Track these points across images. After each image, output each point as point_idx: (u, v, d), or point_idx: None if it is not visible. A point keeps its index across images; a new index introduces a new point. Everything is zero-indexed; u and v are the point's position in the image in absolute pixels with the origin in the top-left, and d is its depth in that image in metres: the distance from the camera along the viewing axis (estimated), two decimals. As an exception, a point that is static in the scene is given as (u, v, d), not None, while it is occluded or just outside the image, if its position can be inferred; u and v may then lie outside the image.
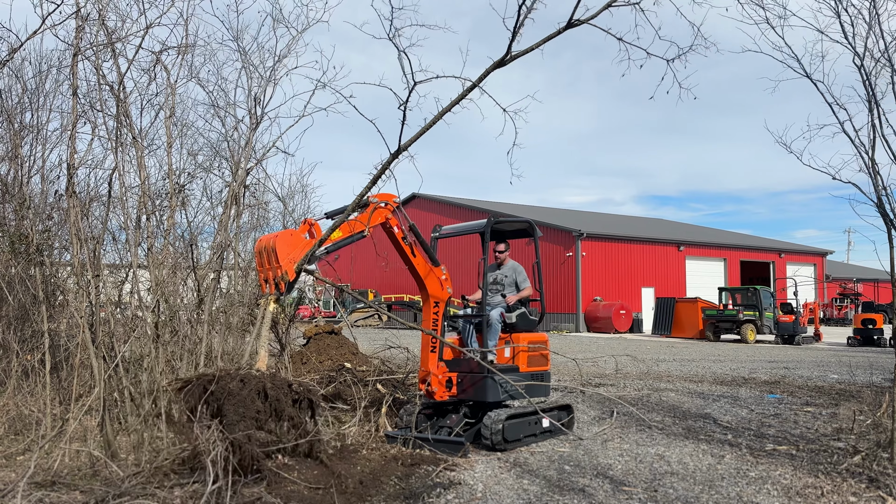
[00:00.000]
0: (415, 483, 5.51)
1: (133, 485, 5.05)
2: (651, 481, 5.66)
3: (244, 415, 5.14)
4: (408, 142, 5.54)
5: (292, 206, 12.20)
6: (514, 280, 7.64)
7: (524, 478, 5.75)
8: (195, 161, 9.02)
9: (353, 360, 10.32)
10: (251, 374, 5.34)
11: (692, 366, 15.34)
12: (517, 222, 7.67)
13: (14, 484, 4.71)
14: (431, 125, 5.51)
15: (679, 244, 36.96)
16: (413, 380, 9.52)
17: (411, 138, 5.55)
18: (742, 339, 25.18)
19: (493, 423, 6.54)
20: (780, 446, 6.93)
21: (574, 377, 12.72)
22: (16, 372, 7.55)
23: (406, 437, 6.54)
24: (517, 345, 7.22)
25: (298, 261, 5.66)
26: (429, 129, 5.54)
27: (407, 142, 5.53)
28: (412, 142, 5.56)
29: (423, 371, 6.93)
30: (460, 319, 7.47)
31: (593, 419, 8.39)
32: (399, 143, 5.49)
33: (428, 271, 6.83)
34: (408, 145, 5.55)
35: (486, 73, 5.39)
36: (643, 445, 7.00)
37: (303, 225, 5.86)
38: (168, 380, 6.62)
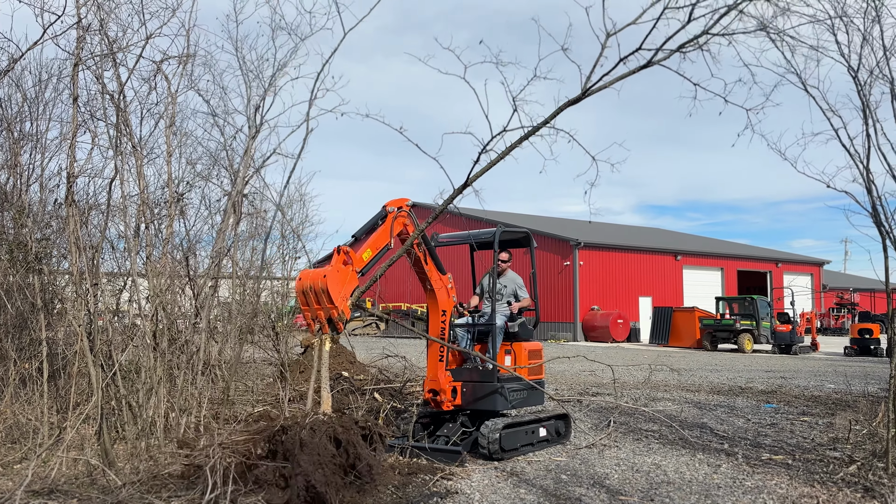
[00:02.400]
0: (412, 492, 5.52)
1: (130, 494, 5.05)
2: (647, 491, 5.67)
3: (320, 462, 5.04)
4: (475, 176, 5.61)
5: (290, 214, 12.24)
6: (513, 290, 7.68)
7: (521, 487, 5.76)
8: (194, 170, 9.06)
9: (351, 369, 10.33)
10: (319, 419, 5.28)
11: (689, 375, 15.36)
12: (517, 232, 7.71)
13: (12, 492, 4.71)
14: (498, 161, 5.57)
15: (676, 254, 37.03)
16: (410, 389, 9.54)
17: (478, 173, 5.62)
18: (739, 348, 25.21)
19: (491, 432, 6.55)
20: (777, 456, 6.95)
21: (573, 386, 12.73)
22: (13, 380, 7.55)
23: (403, 446, 6.55)
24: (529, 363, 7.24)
25: (350, 297, 5.70)
26: (496, 165, 5.60)
27: (474, 176, 5.61)
28: (478, 176, 5.63)
29: (431, 380, 6.94)
30: (458, 328, 7.50)
31: (590, 428, 8.40)
32: (468, 177, 5.58)
33: (438, 279, 6.87)
34: (474, 180, 5.62)
35: (559, 111, 5.40)
36: (640, 455, 7.02)
37: (339, 255, 5.78)
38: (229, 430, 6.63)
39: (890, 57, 6.50)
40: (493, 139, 5.49)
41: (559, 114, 5.42)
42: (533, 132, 5.45)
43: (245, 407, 8.60)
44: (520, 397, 7.02)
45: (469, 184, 5.70)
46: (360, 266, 5.95)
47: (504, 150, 5.55)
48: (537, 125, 5.43)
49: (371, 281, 6.11)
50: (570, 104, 5.40)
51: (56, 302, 8.02)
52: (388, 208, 6.51)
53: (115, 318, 7.48)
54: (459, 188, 5.73)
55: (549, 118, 5.43)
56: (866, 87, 6.59)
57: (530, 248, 7.75)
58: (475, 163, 5.62)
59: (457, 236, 7.81)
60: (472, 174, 5.66)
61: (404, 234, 6.60)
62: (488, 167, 5.64)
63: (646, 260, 35.66)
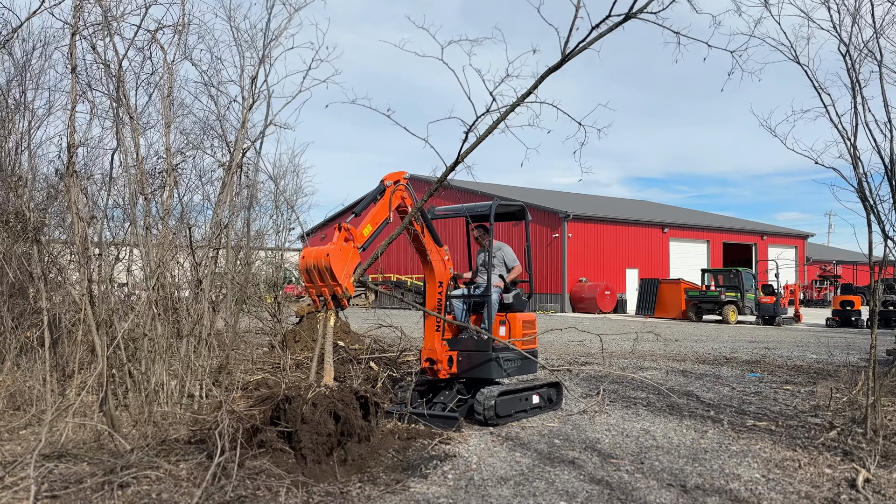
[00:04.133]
0: (412, 455, 5.73)
1: (140, 457, 5.21)
2: (637, 454, 5.91)
3: (318, 441, 5.28)
4: (465, 153, 5.71)
5: (283, 185, 12.29)
6: (503, 259, 7.83)
7: (516, 451, 5.98)
8: (187, 139, 9.08)
9: (346, 339, 10.49)
10: (322, 393, 5.45)
11: (675, 345, 15.69)
12: (513, 205, 7.84)
13: (25, 456, 4.85)
14: (486, 136, 5.66)
15: (663, 226, 37.37)
16: (405, 358, 9.72)
17: (468, 149, 5.72)
18: (724, 319, 25.66)
19: (486, 399, 6.76)
20: (761, 422, 7.22)
21: (563, 356, 13.00)
22: (13, 348, 7.65)
23: (402, 412, 6.75)
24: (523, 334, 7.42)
25: (353, 274, 5.83)
26: (484, 140, 5.69)
27: (464, 153, 5.70)
28: (468, 153, 5.73)
29: (428, 350, 7.12)
30: (454, 299, 7.66)
31: (581, 395, 8.65)
32: (458, 154, 5.68)
33: (435, 251, 7.02)
34: (464, 156, 5.72)
35: (541, 80, 5.49)
36: (629, 421, 7.26)
37: (340, 233, 5.91)
38: (239, 395, 6.77)
39: (879, 35, 6.64)
40: (478, 119, 5.59)
41: (542, 82, 5.53)
42: (517, 104, 5.55)
43: (243, 375, 8.76)
44: (514, 366, 7.22)
45: (460, 161, 5.80)
46: (362, 242, 6.08)
47: (491, 125, 5.65)
48: (521, 96, 5.53)
49: (372, 257, 6.24)
50: (551, 71, 5.50)
51: (55, 271, 8.08)
52: (386, 182, 6.61)
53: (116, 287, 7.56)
54: (451, 166, 5.82)
55: (532, 88, 5.53)
56: (856, 64, 6.73)
57: (525, 221, 7.89)
58: (463, 141, 5.71)
59: (453, 209, 7.93)
60: (461, 151, 5.76)
61: (403, 207, 6.72)
62: (476, 143, 5.74)
63: (633, 232, 35.98)
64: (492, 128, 5.50)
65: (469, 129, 5.50)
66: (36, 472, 4.97)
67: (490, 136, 5.71)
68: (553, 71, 5.54)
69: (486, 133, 5.55)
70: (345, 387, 5.86)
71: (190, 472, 5.15)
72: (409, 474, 5.24)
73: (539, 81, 5.56)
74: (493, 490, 4.91)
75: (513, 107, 5.61)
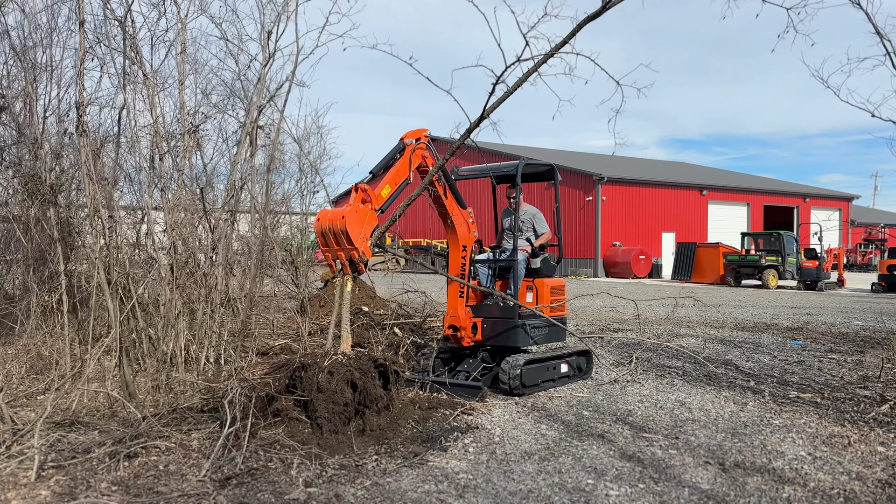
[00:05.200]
0: (432, 426, 5.47)
1: (151, 426, 5.05)
2: (672, 428, 5.57)
3: (334, 410, 5.06)
4: (491, 107, 5.34)
5: (308, 147, 12.00)
6: (531, 225, 7.45)
7: (542, 423, 5.69)
8: (209, 101, 8.79)
9: (371, 304, 10.28)
10: (338, 361, 5.22)
11: (713, 311, 15.17)
12: (540, 165, 7.42)
13: (32, 424, 4.72)
14: (516, 88, 5.27)
15: (702, 188, 36.29)
16: (430, 324, 9.47)
17: (494, 104, 5.34)
18: (763, 284, 24.91)
19: (512, 367, 6.46)
20: (805, 394, 6.80)
21: (594, 322, 12.63)
22: (35, 312, 7.58)
23: (423, 381, 6.49)
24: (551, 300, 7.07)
25: (370, 237, 5.54)
26: (513, 94, 5.29)
27: (490, 107, 5.33)
28: (495, 108, 5.35)
29: (451, 316, 6.83)
30: (478, 264, 7.33)
31: (613, 364, 8.30)
32: (484, 109, 5.30)
33: (458, 214, 6.67)
34: (491, 111, 5.34)
35: (579, 28, 5.07)
36: (663, 392, 6.91)
37: (357, 194, 5.60)
38: (259, 361, 6.61)
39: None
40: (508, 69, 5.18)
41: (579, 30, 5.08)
42: (552, 54, 5.12)
43: (266, 340, 8.61)
44: (541, 333, 6.90)
45: (486, 116, 5.42)
46: (380, 204, 5.76)
47: (522, 76, 5.23)
48: (556, 45, 5.09)
49: (391, 220, 5.92)
50: (590, 19, 5.05)
51: (74, 235, 7.95)
52: (406, 140, 6.25)
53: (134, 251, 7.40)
54: (476, 121, 5.45)
55: (569, 37, 5.08)
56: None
57: (554, 181, 7.48)
58: (490, 94, 5.33)
59: (477, 169, 7.54)
60: (487, 105, 5.37)
61: (423, 167, 6.36)
62: (505, 96, 5.34)
63: (670, 195, 35.03)
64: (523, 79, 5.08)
65: (497, 81, 5.09)
66: (45, 440, 4.84)
67: (520, 90, 5.31)
68: (592, 19, 5.08)
69: (517, 85, 5.14)
70: (363, 355, 5.60)
71: (201, 443, 4.97)
72: (428, 447, 4.99)
73: (576, 30, 5.11)
74: (516, 465, 4.63)
75: (546, 57, 5.18)
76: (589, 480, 4.35)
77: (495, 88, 5.27)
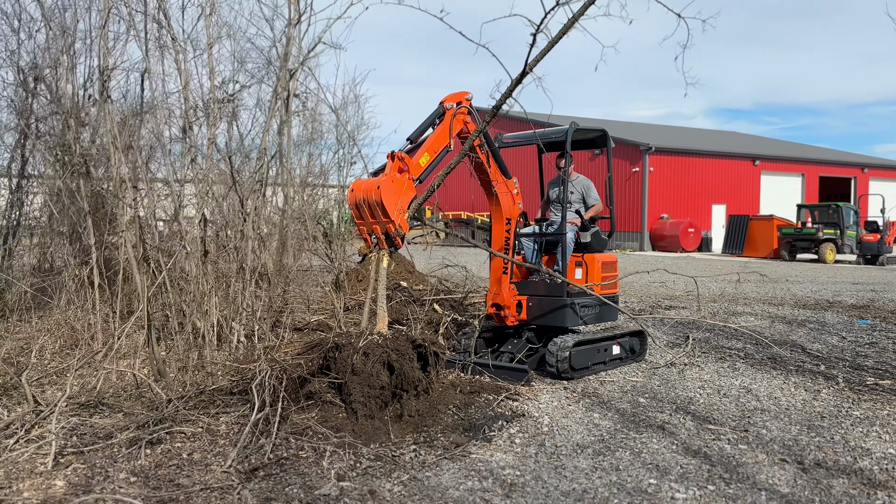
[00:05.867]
0: (475, 413, 5.07)
1: (177, 409, 4.77)
2: (739, 419, 5.06)
3: (369, 394, 4.72)
4: (534, 61, 4.82)
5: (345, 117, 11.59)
6: (581, 196, 6.92)
7: (594, 411, 5.24)
8: (244, 69, 8.43)
9: (410, 279, 9.91)
10: (374, 341, 4.86)
11: (769, 287, 14.40)
12: (591, 130, 6.85)
13: (51, 407, 4.47)
14: (562, 35, 4.73)
15: (754, 158, 34.81)
16: (472, 300, 9.06)
17: (537, 57, 4.82)
18: (820, 258, 23.79)
19: (560, 349, 6.00)
20: (883, 380, 6.19)
21: (643, 299, 12.05)
22: (67, 287, 7.41)
23: (465, 362, 6.08)
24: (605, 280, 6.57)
25: (407, 209, 5.12)
26: (557, 43, 4.76)
27: (533, 61, 4.81)
28: (538, 60, 4.83)
29: (494, 294, 6.40)
30: (522, 239, 6.85)
31: (667, 345, 7.77)
32: (525, 63, 4.79)
33: (502, 184, 6.19)
34: (534, 65, 4.82)
35: None
36: (726, 376, 6.37)
37: (393, 163, 5.17)
38: (287, 339, 6.32)
39: None
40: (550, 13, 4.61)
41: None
42: None
43: (303, 315, 8.32)
44: (591, 313, 6.42)
45: (528, 71, 4.88)
46: (418, 173, 5.31)
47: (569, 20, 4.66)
48: None
49: (429, 190, 5.47)
50: None
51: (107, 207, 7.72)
52: (446, 104, 5.76)
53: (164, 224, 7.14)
54: (518, 77, 4.93)
55: None
56: None
57: (607, 148, 6.91)
58: (531, 46, 4.76)
59: (522, 136, 7.03)
60: (529, 59, 4.82)
61: (465, 133, 5.86)
62: (549, 46, 4.79)
63: (721, 165, 33.69)
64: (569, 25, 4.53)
65: (537, 29, 4.55)
66: (67, 423, 4.61)
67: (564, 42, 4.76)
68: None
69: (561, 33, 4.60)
70: (400, 334, 5.21)
71: (229, 427, 4.68)
72: (470, 436, 4.60)
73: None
74: (568, 460, 4.20)
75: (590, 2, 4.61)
76: (651, 480, 3.90)
77: (536, 38, 4.72)
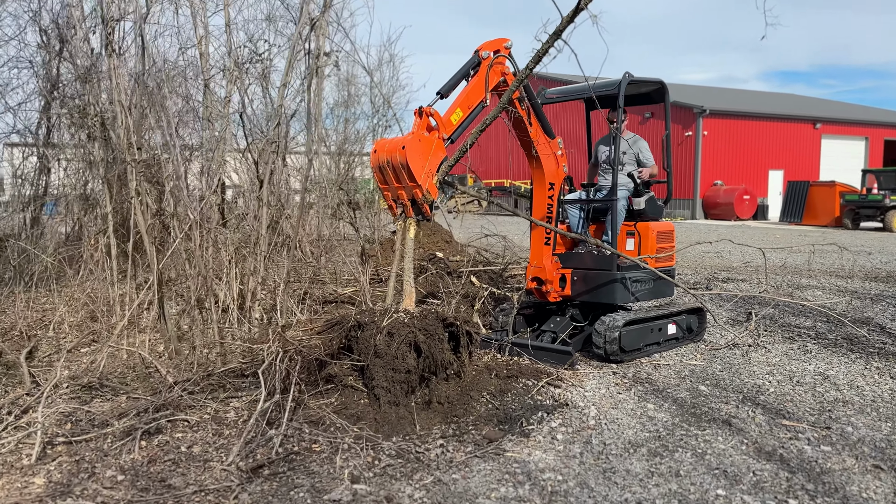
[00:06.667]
0: (511, 402, 4.51)
1: (181, 392, 4.34)
2: (818, 413, 4.38)
3: (394, 378, 4.22)
4: None
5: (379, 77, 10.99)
6: (635, 156, 6.20)
7: (648, 400, 4.61)
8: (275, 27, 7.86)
9: (446, 250, 9.35)
10: (400, 320, 4.33)
11: (835, 258, 13.36)
12: (647, 82, 6.08)
13: (39, 394, 4.07)
14: None
15: (815, 121, 32.90)
16: (511, 272, 8.45)
17: None
18: (886, 227, 22.31)
19: (608, 328, 5.37)
20: (983, 367, 5.39)
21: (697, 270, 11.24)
22: (85, 257, 7.08)
23: (502, 342, 5.49)
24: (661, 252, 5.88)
25: (436, 172, 4.51)
26: None
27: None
28: None
29: (535, 267, 5.78)
30: (567, 206, 6.19)
31: (727, 323, 7.04)
32: None
33: (545, 144, 5.53)
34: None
35: None
36: (797, 360, 5.66)
37: (421, 119, 4.52)
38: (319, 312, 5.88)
39: None
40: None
41: None
42: None
43: (332, 288, 7.86)
44: (645, 288, 5.75)
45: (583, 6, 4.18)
46: (449, 131, 4.68)
47: None
48: None
49: (461, 151, 4.80)
50: None
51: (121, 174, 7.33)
52: (482, 53, 5.08)
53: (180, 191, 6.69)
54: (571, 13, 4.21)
55: None
56: None
57: (665, 102, 6.16)
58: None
59: (569, 90, 6.31)
60: None
61: (503, 87, 5.18)
62: None
63: (779, 129, 31.93)
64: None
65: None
66: (68, 406, 4.22)
67: (606, 15, 4.03)
68: None
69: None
70: (429, 312, 4.64)
71: (239, 414, 4.22)
72: (505, 430, 4.04)
73: None
74: (619, 462, 3.60)
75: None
76: (719, 490, 3.28)
77: None
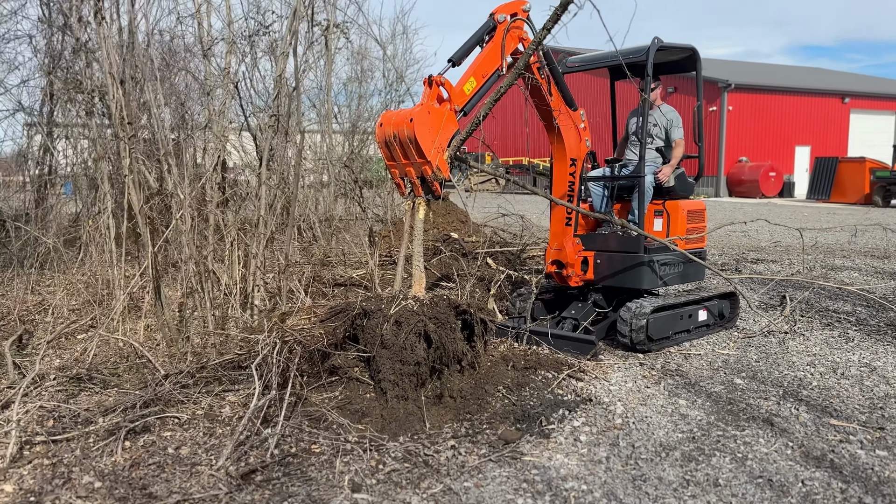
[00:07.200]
0: (529, 397, 4.15)
1: (173, 386, 4.03)
2: (869, 410, 3.97)
3: (402, 371, 3.90)
4: None
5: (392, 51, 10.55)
6: (666, 129, 5.74)
7: (680, 395, 4.23)
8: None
9: (462, 230, 8.97)
10: (408, 308, 4.00)
11: (867, 237, 12.79)
12: (678, 49, 5.60)
13: (16, 389, 3.77)
14: None
15: (843, 95, 31.86)
16: (530, 253, 8.06)
17: None
18: (919, 205, 21.57)
19: (635, 315, 4.97)
20: None
21: (725, 251, 10.76)
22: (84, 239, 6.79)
23: (519, 330, 5.11)
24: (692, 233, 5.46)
25: (448, 147, 4.11)
26: None
27: None
28: None
29: (555, 250, 5.38)
30: (590, 183, 5.76)
31: (760, 307, 6.61)
32: None
33: (566, 115, 5.10)
34: None
35: None
36: (839, 349, 5.22)
37: (431, 89, 4.11)
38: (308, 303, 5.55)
39: None
40: None
41: None
42: None
43: (344, 270, 7.54)
44: (674, 272, 5.34)
45: None
46: (461, 102, 4.27)
47: None
48: None
49: (473, 124, 4.39)
50: None
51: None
52: (498, 17, 4.64)
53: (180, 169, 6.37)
54: None
55: None
56: None
57: (697, 71, 5.70)
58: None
59: (591, 59, 5.85)
60: None
61: (520, 54, 4.75)
62: None
63: (806, 103, 30.95)
64: None
65: None
66: (52, 399, 3.94)
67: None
68: None
69: None
70: (441, 299, 4.28)
71: (234, 411, 3.91)
72: (523, 430, 3.68)
73: None
74: (650, 468, 3.23)
75: None
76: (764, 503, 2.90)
77: None
